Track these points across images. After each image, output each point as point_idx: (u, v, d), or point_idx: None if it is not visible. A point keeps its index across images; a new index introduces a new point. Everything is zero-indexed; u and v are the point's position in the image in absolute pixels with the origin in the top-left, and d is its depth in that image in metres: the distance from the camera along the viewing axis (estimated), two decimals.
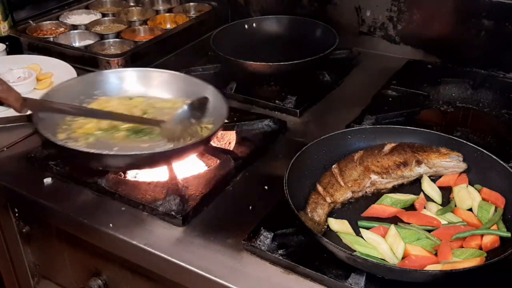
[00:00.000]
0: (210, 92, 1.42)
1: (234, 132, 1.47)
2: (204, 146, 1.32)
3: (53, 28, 2.08)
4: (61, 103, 1.35)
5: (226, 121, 1.36)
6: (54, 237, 1.41)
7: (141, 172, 1.34)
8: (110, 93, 1.49)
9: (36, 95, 1.66)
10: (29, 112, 1.28)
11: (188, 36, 2.03)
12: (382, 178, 1.23)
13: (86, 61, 1.82)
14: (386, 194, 1.20)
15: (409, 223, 1.13)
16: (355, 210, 1.19)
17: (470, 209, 1.17)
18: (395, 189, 1.24)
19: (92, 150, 1.22)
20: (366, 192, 1.23)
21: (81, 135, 1.34)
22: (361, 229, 1.11)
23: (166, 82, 1.51)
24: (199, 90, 1.44)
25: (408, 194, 1.21)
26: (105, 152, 1.22)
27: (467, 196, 1.18)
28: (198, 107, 1.38)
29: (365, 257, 1.01)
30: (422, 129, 1.32)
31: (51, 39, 1.95)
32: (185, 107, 1.37)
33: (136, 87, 1.52)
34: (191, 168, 1.34)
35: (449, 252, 1.04)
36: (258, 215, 1.18)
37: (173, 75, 1.52)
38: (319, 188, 1.20)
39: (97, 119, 1.37)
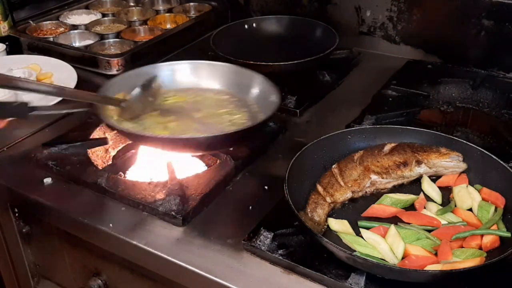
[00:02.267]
0: (259, 80, 1.45)
1: None
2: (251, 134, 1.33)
3: (53, 28, 2.08)
4: (25, 80, 1.33)
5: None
6: (54, 237, 1.41)
7: (141, 172, 1.34)
8: (164, 85, 1.51)
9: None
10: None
11: (188, 36, 2.03)
12: (382, 178, 1.23)
13: (86, 61, 1.82)
14: (386, 194, 1.21)
15: (409, 223, 1.13)
16: (355, 210, 1.19)
17: (470, 209, 1.17)
18: (395, 189, 1.24)
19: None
20: (366, 192, 1.23)
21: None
22: (361, 229, 1.11)
23: (216, 73, 1.54)
24: (249, 80, 1.47)
25: (408, 194, 1.21)
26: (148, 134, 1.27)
27: (467, 196, 1.18)
28: (148, 85, 1.41)
29: (365, 257, 1.01)
30: (422, 129, 1.32)
31: (51, 39, 1.95)
32: (137, 88, 1.37)
33: (188, 79, 1.54)
34: (191, 168, 1.34)
35: (449, 252, 1.04)
36: (258, 215, 1.18)
37: (223, 66, 1.54)
38: (319, 188, 1.20)
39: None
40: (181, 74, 1.54)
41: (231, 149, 1.36)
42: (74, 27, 2.06)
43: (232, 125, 1.36)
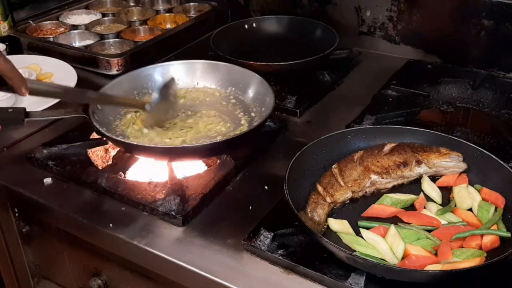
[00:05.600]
0: (256, 79, 1.46)
1: None
2: (252, 137, 1.34)
3: (53, 28, 2.08)
4: (65, 86, 1.36)
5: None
6: (54, 237, 1.41)
7: (141, 172, 1.34)
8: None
9: None
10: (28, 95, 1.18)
11: (188, 36, 2.03)
12: (382, 178, 1.23)
13: (86, 61, 1.82)
14: (386, 194, 1.21)
15: (409, 223, 1.13)
16: (355, 210, 1.19)
17: (470, 209, 1.17)
18: (395, 189, 1.24)
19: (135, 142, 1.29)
20: (366, 192, 1.23)
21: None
22: (361, 229, 1.11)
23: (212, 72, 1.56)
24: (245, 78, 1.49)
25: (408, 194, 1.21)
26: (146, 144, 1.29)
27: (467, 196, 1.18)
28: (168, 87, 1.41)
29: (365, 257, 1.01)
30: (422, 129, 1.32)
31: (51, 39, 1.95)
32: (154, 93, 1.37)
33: (184, 79, 1.56)
34: (191, 168, 1.34)
35: (449, 252, 1.04)
36: (258, 215, 1.18)
37: (218, 65, 1.56)
38: (319, 188, 1.20)
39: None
40: (176, 75, 1.54)
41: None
42: (74, 27, 2.06)
43: (230, 128, 1.39)
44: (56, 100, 1.52)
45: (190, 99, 1.52)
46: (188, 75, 1.56)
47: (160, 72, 1.54)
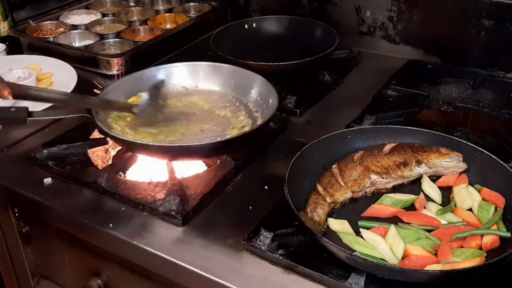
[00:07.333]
0: (259, 81, 1.46)
1: None
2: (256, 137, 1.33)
3: (53, 28, 2.08)
4: (40, 89, 1.36)
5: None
6: (54, 237, 1.41)
7: (141, 172, 1.34)
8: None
9: None
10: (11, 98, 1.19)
11: (188, 36, 2.03)
12: (382, 178, 1.23)
13: (86, 61, 1.82)
14: (386, 194, 1.21)
15: (409, 223, 1.13)
16: (355, 210, 1.19)
17: (470, 209, 1.17)
18: (395, 189, 1.24)
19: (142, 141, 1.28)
20: (366, 192, 1.23)
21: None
22: (361, 229, 1.11)
23: (214, 74, 1.55)
24: (248, 81, 1.48)
25: (408, 194, 1.21)
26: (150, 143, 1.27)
27: (467, 196, 1.18)
28: (156, 89, 1.43)
29: (365, 257, 1.01)
30: (422, 129, 1.32)
31: (51, 39, 1.95)
32: (144, 94, 1.40)
33: (186, 81, 1.55)
34: (191, 168, 1.34)
35: (449, 252, 1.04)
36: (258, 215, 1.18)
37: (220, 67, 1.55)
38: (319, 188, 1.20)
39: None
40: (178, 76, 1.54)
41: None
42: (74, 27, 2.06)
43: (233, 129, 1.37)
44: None
45: (190, 101, 1.51)
46: (191, 76, 1.55)
47: (163, 74, 1.53)
